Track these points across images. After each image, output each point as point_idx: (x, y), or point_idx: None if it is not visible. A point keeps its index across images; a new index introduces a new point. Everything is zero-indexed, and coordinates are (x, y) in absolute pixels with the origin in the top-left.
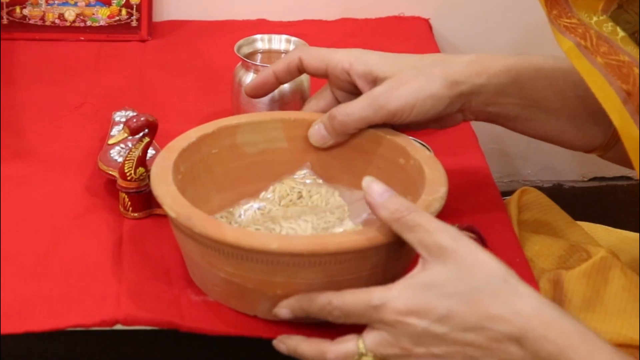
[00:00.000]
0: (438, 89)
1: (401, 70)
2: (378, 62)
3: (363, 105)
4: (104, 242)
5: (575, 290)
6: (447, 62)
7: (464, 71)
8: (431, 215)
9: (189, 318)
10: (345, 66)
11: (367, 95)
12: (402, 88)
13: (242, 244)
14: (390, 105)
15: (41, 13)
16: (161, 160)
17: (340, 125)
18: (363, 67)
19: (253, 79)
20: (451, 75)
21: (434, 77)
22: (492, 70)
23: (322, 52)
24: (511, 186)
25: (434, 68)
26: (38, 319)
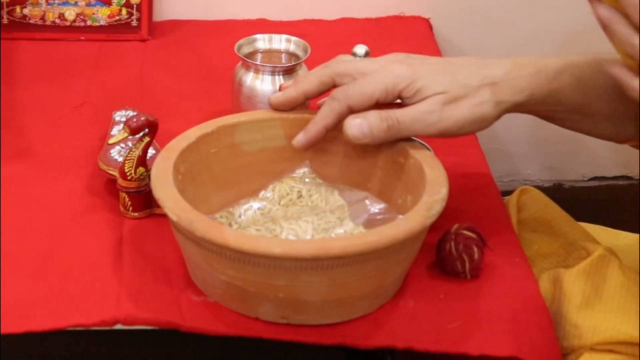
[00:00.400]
0: (487, 110)
1: (451, 88)
2: (428, 83)
3: (415, 118)
4: (104, 242)
5: (574, 289)
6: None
7: (508, 90)
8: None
9: (189, 318)
10: (395, 92)
11: (420, 109)
12: (453, 106)
13: (245, 249)
14: (441, 124)
15: (41, 13)
16: (161, 161)
17: (387, 129)
18: (414, 90)
19: (279, 94)
20: (497, 95)
21: (483, 98)
22: (534, 84)
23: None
24: (511, 186)
25: (482, 87)
26: (38, 319)
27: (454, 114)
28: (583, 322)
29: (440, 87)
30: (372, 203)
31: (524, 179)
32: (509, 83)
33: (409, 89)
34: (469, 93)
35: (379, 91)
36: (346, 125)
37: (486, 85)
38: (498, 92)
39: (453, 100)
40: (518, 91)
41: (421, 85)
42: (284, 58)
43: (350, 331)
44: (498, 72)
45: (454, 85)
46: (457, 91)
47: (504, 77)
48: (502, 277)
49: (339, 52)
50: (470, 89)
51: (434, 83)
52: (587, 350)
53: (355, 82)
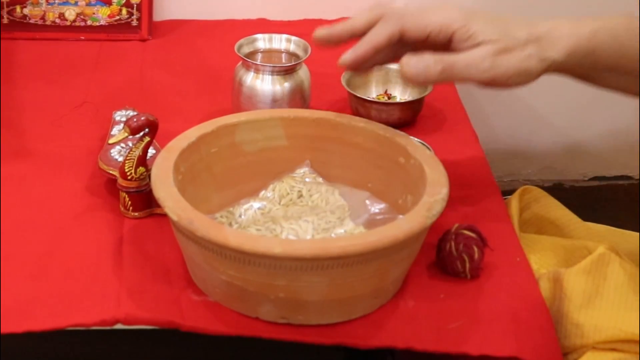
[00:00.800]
0: (533, 65)
1: (504, 37)
2: (483, 29)
3: (469, 64)
4: (105, 242)
5: (575, 288)
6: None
7: (550, 47)
8: (433, 217)
9: (190, 318)
10: (449, 31)
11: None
12: (504, 56)
13: (245, 249)
14: (493, 71)
15: (42, 12)
16: (161, 161)
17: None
18: (468, 34)
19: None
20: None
21: (531, 52)
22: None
23: (421, 19)
24: (512, 185)
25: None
26: (38, 319)
27: (503, 64)
28: (585, 320)
29: (493, 35)
30: (372, 203)
31: (524, 179)
32: (551, 41)
33: (462, 31)
34: (517, 45)
35: (433, 25)
36: (403, 63)
37: (532, 41)
38: (542, 48)
39: (504, 51)
40: (559, 49)
41: (475, 30)
42: (284, 58)
43: (350, 331)
44: (541, 30)
45: (505, 35)
46: (507, 42)
47: (546, 35)
48: (502, 277)
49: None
50: (519, 42)
51: (486, 30)
52: (590, 349)
53: (412, 11)
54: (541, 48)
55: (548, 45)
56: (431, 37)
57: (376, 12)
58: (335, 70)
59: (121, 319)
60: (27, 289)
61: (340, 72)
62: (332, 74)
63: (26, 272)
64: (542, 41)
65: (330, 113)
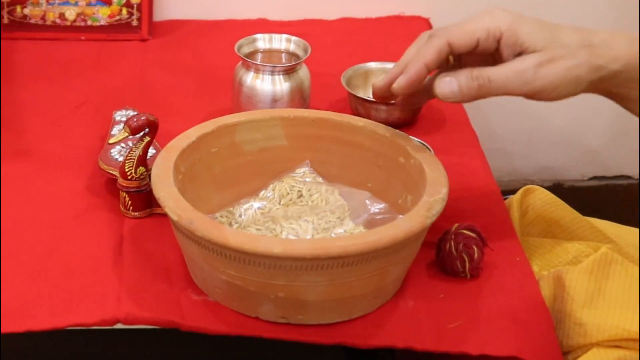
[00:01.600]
0: (583, 73)
1: (550, 45)
2: (529, 33)
3: (508, 77)
4: (105, 241)
5: (577, 287)
6: (591, 42)
7: (605, 55)
8: (433, 217)
9: (190, 317)
10: (497, 35)
11: (513, 68)
12: (549, 67)
13: (245, 249)
14: (536, 83)
15: (42, 12)
16: (162, 161)
17: (478, 88)
18: (515, 38)
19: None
20: (596, 59)
21: (581, 59)
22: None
23: (467, 28)
24: (511, 185)
25: (581, 49)
26: (38, 318)
27: (549, 73)
28: (587, 320)
29: (540, 41)
30: (372, 203)
31: (524, 178)
32: (606, 49)
33: (510, 32)
34: (566, 53)
35: (481, 30)
36: (435, 84)
37: (584, 47)
38: (596, 55)
39: (550, 60)
40: (614, 58)
41: (522, 34)
42: (284, 58)
43: (350, 331)
44: (595, 37)
45: (552, 43)
46: (554, 51)
47: (601, 42)
48: (502, 276)
49: (339, 52)
50: (568, 49)
51: (534, 34)
52: (594, 346)
53: (458, 22)
54: (594, 55)
55: (603, 52)
56: (480, 44)
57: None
58: (335, 70)
59: (121, 319)
60: (27, 288)
61: (340, 72)
62: (332, 74)
63: (26, 271)
64: (596, 49)
65: (330, 113)
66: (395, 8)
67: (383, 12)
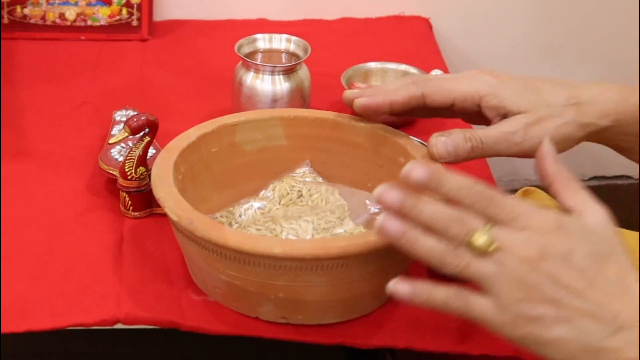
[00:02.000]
0: (571, 131)
1: (535, 107)
2: (511, 97)
3: (498, 138)
4: (105, 241)
5: None
6: (579, 99)
7: (594, 112)
8: None
9: (190, 317)
10: (476, 99)
11: (502, 129)
12: (537, 127)
13: (245, 249)
14: (526, 144)
15: (42, 12)
16: (161, 161)
17: (471, 149)
18: (495, 101)
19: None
20: (583, 117)
21: (568, 118)
22: (619, 109)
23: (445, 85)
24: (511, 185)
25: (567, 107)
26: (38, 318)
27: (537, 135)
28: None
29: (524, 104)
30: (372, 203)
31: (524, 178)
32: (595, 106)
33: (490, 97)
34: (553, 113)
35: (458, 92)
36: (431, 144)
37: (571, 105)
38: (583, 113)
39: (537, 121)
40: (604, 115)
41: (504, 97)
42: (284, 58)
43: (350, 331)
44: (584, 93)
45: (538, 104)
46: (541, 111)
47: (590, 99)
48: None
49: (339, 52)
50: (554, 109)
51: (517, 98)
52: None
53: (441, 77)
54: (582, 113)
55: (592, 110)
56: (457, 104)
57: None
58: (335, 70)
59: (121, 319)
60: (27, 288)
61: (340, 72)
62: (332, 74)
63: (26, 271)
64: (584, 106)
65: (330, 113)
66: (395, 8)
67: (383, 12)
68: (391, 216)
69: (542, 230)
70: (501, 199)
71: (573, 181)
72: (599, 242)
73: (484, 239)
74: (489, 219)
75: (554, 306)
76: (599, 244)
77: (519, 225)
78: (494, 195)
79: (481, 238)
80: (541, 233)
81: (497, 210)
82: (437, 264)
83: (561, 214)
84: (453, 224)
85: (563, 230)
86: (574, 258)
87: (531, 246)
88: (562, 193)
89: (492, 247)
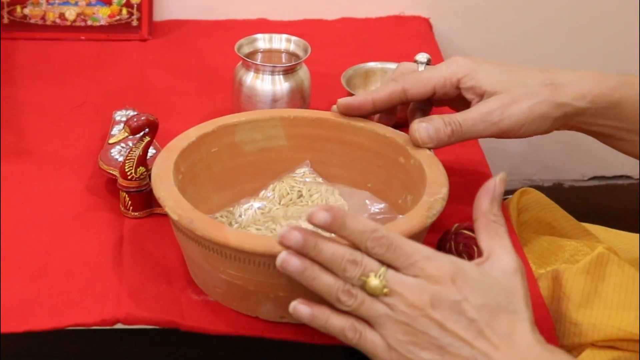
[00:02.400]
0: (546, 110)
1: (511, 87)
2: (487, 77)
3: (475, 120)
4: (105, 241)
5: (573, 287)
6: (554, 80)
7: (569, 93)
8: (433, 216)
9: (190, 317)
10: (454, 81)
11: (479, 111)
12: (513, 106)
13: (245, 248)
14: (503, 124)
15: (42, 12)
16: (162, 161)
17: (451, 133)
18: (472, 82)
19: (348, 99)
20: (558, 96)
21: (543, 97)
22: (595, 92)
23: (424, 75)
24: (511, 185)
25: (543, 87)
26: (38, 318)
27: (514, 113)
28: (583, 320)
29: (500, 84)
30: (372, 203)
31: (524, 178)
32: (570, 87)
33: (467, 78)
34: (529, 93)
35: (437, 78)
36: (413, 129)
37: (547, 86)
38: (559, 93)
39: (513, 101)
40: (580, 96)
41: (480, 77)
42: (284, 58)
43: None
44: (560, 77)
45: (514, 84)
46: (517, 90)
47: (566, 81)
48: None
49: (339, 52)
50: (530, 89)
51: (492, 78)
52: (589, 347)
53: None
54: (557, 93)
55: (567, 91)
56: (437, 90)
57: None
58: (335, 70)
59: (121, 319)
60: (27, 288)
61: (340, 72)
62: (332, 74)
63: (26, 271)
64: (559, 87)
65: (330, 113)
66: (395, 8)
67: (383, 12)
68: (292, 254)
69: (436, 279)
70: (400, 245)
71: (497, 225)
72: (493, 293)
73: (377, 282)
74: (386, 264)
75: (440, 352)
76: (493, 295)
77: (413, 272)
78: (393, 241)
79: (374, 281)
80: (434, 281)
81: (395, 256)
82: (334, 300)
83: (459, 262)
84: (349, 266)
85: (457, 280)
86: (464, 308)
87: (422, 294)
88: (481, 233)
89: (384, 290)
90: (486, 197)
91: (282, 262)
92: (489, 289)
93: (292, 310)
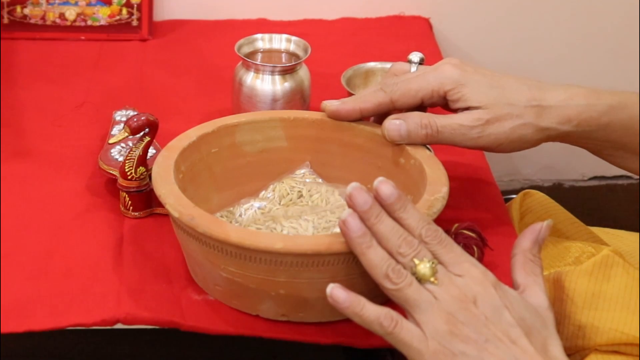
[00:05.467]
0: (528, 132)
1: (496, 103)
2: (473, 93)
3: (454, 130)
4: (105, 241)
5: (577, 289)
6: (541, 101)
7: (554, 116)
8: (433, 215)
9: (190, 317)
10: (441, 93)
11: (459, 121)
12: (495, 125)
13: (246, 244)
14: (481, 140)
15: (42, 12)
16: (162, 160)
17: (425, 137)
18: (458, 95)
19: (336, 104)
20: (543, 120)
21: (527, 120)
22: (584, 116)
23: (412, 86)
24: (511, 185)
25: (528, 109)
26: (39, 318)
27: (494, 132)
28: (587, 322)
29: (485, 99)
30: None
31: (524, 178)
32: (557, 110)
33: (454, 91)
34: (513, 112)
35: (424, 90)
36: (384, 126)
37: (532, 107)
38: (544, 117)
39: (496, 119)
40: (565, 120)
41: (467, 91)
42: (284, 58)
43: (350, 330)
44: (548, 97)
45: (499, 101)
46: (500, 109)
47: (554, 103)
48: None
49: (339, 52)
50: (515, 108)
51: (479, 93)
52: (593, 351)
53: (406, 78)
54: (542, 116)
55: (553, 115)
56: (426, 101)
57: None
58: (335, 70)
59: (121, 319)
60: (27, 288)
61: (340, 72)
62: (332, 74)
63: (26, 271)
64: (545, 110)
65: None
66: (395, 8)
67: (383, 12)
68: (355, 216)
69: (480, 281)
70: (451, 243)
71: (534, 265)
72: (530, 314)
73: (428, 268)
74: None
75: (477, 348)
76: (530, 315)
77: (459, 271)
78: (445, 238)
79: (426, 266)
80: (479, 283)
81: (445, 251)
82: (381, 276)
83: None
84: (405, 244)
85: (499, 290)
86: (505, 313)
87: (467, 290)
88: (517, 268)
89: (432, 279)
90: (530, 237)
91: (344, 221)
92: (526, 309)
93: (329, 293)
